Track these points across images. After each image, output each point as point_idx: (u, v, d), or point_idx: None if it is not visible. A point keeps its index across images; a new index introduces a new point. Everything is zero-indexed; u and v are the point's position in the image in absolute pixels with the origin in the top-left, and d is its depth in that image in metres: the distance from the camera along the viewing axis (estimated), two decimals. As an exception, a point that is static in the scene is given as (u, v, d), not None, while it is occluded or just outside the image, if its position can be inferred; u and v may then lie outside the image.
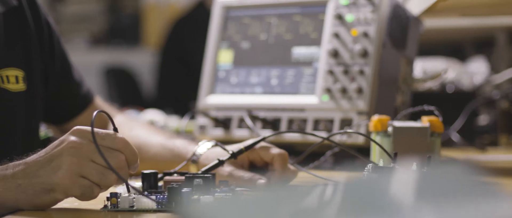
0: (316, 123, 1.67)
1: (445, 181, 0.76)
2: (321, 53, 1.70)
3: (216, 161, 1.30)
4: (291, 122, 1.70)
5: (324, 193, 0.74)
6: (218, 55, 1.84)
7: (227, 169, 1.31)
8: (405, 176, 0.77)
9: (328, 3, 1.72)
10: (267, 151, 1.34)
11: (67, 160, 1.06)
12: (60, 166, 1.06)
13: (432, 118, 1.42)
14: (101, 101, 1.65)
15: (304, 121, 1.68)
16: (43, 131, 1.67)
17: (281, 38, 1.77)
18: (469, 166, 0.77)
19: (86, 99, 1.61)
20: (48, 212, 1.09)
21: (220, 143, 1.40)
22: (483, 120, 2.29)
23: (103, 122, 1.54)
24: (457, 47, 3.35)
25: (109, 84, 5.26)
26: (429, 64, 2.32)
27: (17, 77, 1.44)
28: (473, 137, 2.12)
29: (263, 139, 1.34)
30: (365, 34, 1.65)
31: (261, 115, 1.73)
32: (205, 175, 1.20)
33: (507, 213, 0.69)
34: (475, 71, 2.43)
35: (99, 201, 1.10)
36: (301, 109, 1.69)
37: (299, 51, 1.74)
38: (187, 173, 1.25)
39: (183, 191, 1.08)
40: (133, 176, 1.19)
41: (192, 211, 1.04)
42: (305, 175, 1.42)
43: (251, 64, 1.79)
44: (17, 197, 1.07)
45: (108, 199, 1.10)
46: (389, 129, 1.39)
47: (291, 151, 1.41)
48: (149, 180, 1.22)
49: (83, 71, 1.66)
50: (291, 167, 1.35)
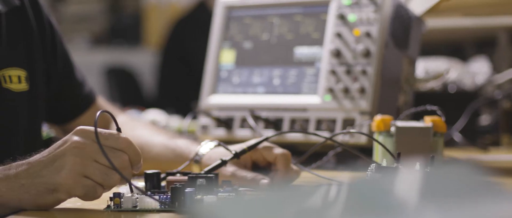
0: (319, 123, 1.66)
1: (449, 181, 0.76)
2: (323, 53, 1.70)
3: (219, 161, 1.29)
4: (293, 122, 1.70)
5: (327, 193, 0.74)
6: (220, 55, 1.84)
7: (230, 169, 1.31)
8: (409, 176, 0.77)
9: (330, 3, 1.72)
10: (270, 151, 1.34)
11: (70, 160, 1.06)
12: (63, 166, 1.06)
13: (435, 117, 1.41)
14: (103, 101, 1.65)
15: (307, 120, 1.68)
16: (45, 131, 1.66)
17: (283, 38, 1.77)
18: (472, 165, 0.77)
19: (88, 99, 1.61)
20: (51, 212, 1.09)
21: (222, 143, 1.40)
22: (485, 119, 2.28)
23: (105, 122, 1.54)
24: (459, 47, 3.35)
25: (110, 84, 5.26)
26: (431, 64, 2.32)
27: (19, 77, 1.43)
28: (475, 137, 2.12)
29: (266, 139, 1.34)
30: (368, 34, 1.65)
31: (263, 114, 1.73)
32: (208, 175, 1.19)
33: (511, 213, 0.69)
34: (477, 71, 2.43)
35: (102, 201, 1.10)
36: (304, 109, 1.69)
37: (301, 51, 1.74)
38: (190, 173, 1.25)
39: (186, 191, 1.08)
40: (136, 176, 1.19)
41: (196, 211, 1.04)
42: (308, 175, 1.42)
43: (253, 64, 1.79)
44: (20, 197, 1.07)
45: (111, 199, 1.10)
46: (392, 129, 1.39)
47: (294, 151, 1.41)
48: (152, 180, 1.22)
49: (84, 71, 1.66)
50: (294, 167, 1.35)
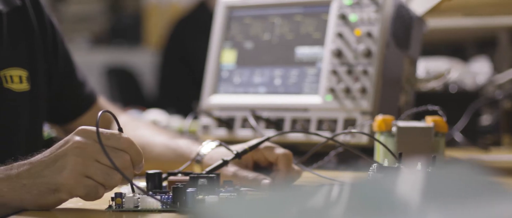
0: (320, 123, 1.66)
1: (451, 181, 0.76)
2: (324, 53, 1.70)
3: (221, 161, 1.29)
4: (294, 122, 1.70)
5: (329, 193, 0.74)
6: (221, 55, 1.83)
7: (231, 169, 1.31)
8: (411, 176, 0.77)
9: (331, 3, 1.72)
10: (271, 151, 1.34)
11: (72, 160, 1.06)
12: (65, 166, 1.06)
13: (436, 117, 1.41)
14: (105, 101, 1.65)
15: (308, 121, 1.68)
16: (46, 131, 1.66)
17: (284, 38, 1.77)
18: (474, 166, 0.77)
19: (89, 99, 1.61)
20: (52, 212, 1.09)
21: (224, 143, 1.40)
22: (486, 119, 2.28)
23: (106, 122, 1.54)
24: (460, 47, 3.35)
25: (111, 84, 5.25)
26: (432, 64, 2.32)
27: (20, 77, 1.43)
28: (476, 137, 2.12)
29: (267, 139, 1.34)
30: (369, 34, 1.65)
31: (265, 114, 1.72)
32: (210, 175, 1.19)
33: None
34: (477, 71, 2.43)
35: (103, 201, 1.10)
36: (305, 109, 1.69)
37: (303, 51, 1.74)
38: (191, 173, 1.25)
39: (188, 191, 1.08)
40: (137, 176, 1.18)
41: (197, 211, 1.04)
42: (309, 175, 1.41)
43: (255, 64, 1.79)
44: (22, 197, 1.07)
45: (112, 199, 1.10)
46: (393, 129, 1.39)
47: (295, 151, 1.41)
48: (153, 180, 1.22)
49: (84, 71, 1.66)
50: (296, 167, 1.35)
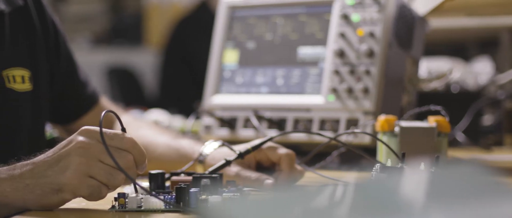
0: (322, 123, 1.66)
1: (455, 181, 0.76)
2: (327, 53, 1.70)
3: (223, 161, 1.29)
4: (297, 122, 1.69)
5: (333, 193, 0.74)
6: (224, 55, 1.83)
7: (234, 169, 1.31)
8: (414, 176, 0.77)
9: (333, 3, 1.72)
10: (274, 151, 1.34)
11: (75, 160, 1.06)
12: (68, 166, 1.06)
13: (439, 117, 1.41)
14: (107, 102, 1.65)
15: (310, 121, 1.68)
16: (48, 131, 1.66)
17: (287, 38, 1.77)
18: (477, 165, 0.77)
19: (91, 100, 1.61)
20: (55, 212, 1.09)
21: (226, 143, 1.40)
22: (488, 119, 2.28)
23: (109, 122, 1.54)
24: (462, 47, 3.35)
25: (112, 84, 5.25)
26: (433, 64, 2.32)
27: (23, 77, 1.43)
28: (478, 137, 2.12)
29: (270, 139, 1.34)
30: (371, 34, 1.65)
31: (267, 115, 1.72)
32: (213, 175, 1.19)
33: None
34: (479, 71, 2.43)
35: (107, 201, 1.10)
36: (307, 109, 1.69)
37: (305, 51, 1.74)
38: (194, 173, 1.25)
39: (191, 191, 1.08)
40: (140, 176, 1.18)
41: (200, 211, 1.04)
42: (312, 175, 1.41)
43: (257, 64, 1.79)
44: (25, 197, 1.07)
45: (116, 199, 1.10)
46: (396, 129, 1.39)
47: (297, 151, 1.41)
48: (156, 180, 1.22)
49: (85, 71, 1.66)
50: (298, 167, 1.35)
